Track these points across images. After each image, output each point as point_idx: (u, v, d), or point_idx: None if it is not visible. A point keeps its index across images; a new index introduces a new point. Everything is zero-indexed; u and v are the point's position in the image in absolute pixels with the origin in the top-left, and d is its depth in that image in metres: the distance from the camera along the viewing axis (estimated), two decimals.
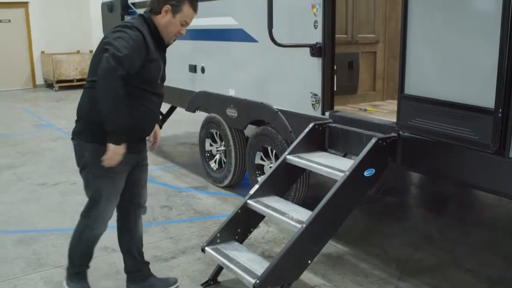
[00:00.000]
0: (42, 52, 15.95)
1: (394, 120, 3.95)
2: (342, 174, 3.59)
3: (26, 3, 15.65)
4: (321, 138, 4.24)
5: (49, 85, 15.96)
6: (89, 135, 3.19)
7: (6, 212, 5.46)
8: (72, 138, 3.32)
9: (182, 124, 9.50)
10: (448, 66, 3.28)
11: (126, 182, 3.40)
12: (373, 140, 3.65)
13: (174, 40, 3.36)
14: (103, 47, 3.06)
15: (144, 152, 3.53)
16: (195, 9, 3.32)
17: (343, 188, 3.52)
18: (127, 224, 3.60)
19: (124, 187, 3.41)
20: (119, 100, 2.97)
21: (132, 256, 3.66)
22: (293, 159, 4.06)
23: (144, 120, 3.33)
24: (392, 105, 4.86)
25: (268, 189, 4.03)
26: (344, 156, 4.27)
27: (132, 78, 3.05)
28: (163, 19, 3.23)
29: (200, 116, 6.54)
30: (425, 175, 6.01)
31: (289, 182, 4.28)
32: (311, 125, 4.19)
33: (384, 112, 4.51)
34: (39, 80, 16.18)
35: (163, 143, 8.39)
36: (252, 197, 3.95)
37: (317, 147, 4.24)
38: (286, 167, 4.10)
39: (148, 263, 3.78)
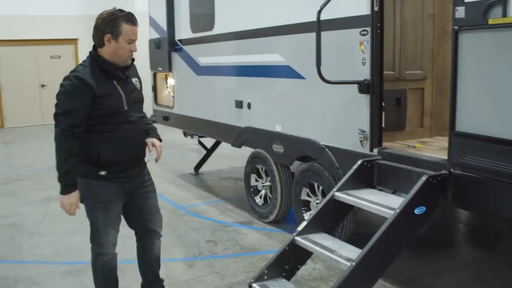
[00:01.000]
0: None
1: (445, 157, 3.91)
2: (392, 212, 3.55)
3: (76, 39, 16.17)
4: (370, 175, 4.21)
5: None
6: (80, 171, 3.33)
7: (55, 243, 5.57)
8: None
9: (226, 159, 9.56)
10: (502, 102, 3.23)
11: (130, 210, 3.60)
12: (424, 178, 3.60)
13: (131, 58, 3.40)
14: None
15: (143, 179, 3.62)
16: (133, 23, 3.31)
17: (393, 226, 3.47)
18: (144, 248, 3.77)
19: (132, 214, 3.63)
20: (63, 153, 3.21)
21: (147, 275, 3.84)
22: (342, 196, 4.03)
23: (125, 150, 3.39)
24: (440, 142, 4.81)
25: (316, 226, 4.01)
26: (393, 193, 4.22)
27: (93, 119, 3.26)
28: (109, 48, 3.30)
29: (244, 151, 6.60)
30: (476, 213, 5.87)
31: (337, 219, 4.24)
32: (359, 162, 4.17)
33: (433, 149, 4.46)
34: None
35: (208, 177, 8.45)
36: (300, 233, 3.93)
37: (365, 184, 4.20)
38: (334, 204, 4.07)
39: (163, 280, 3.89)
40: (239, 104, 6.16)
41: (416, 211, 3.58)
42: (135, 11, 12.05)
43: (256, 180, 6.25)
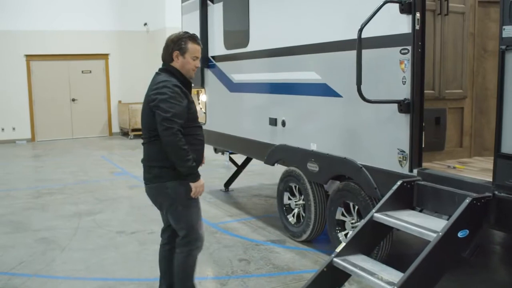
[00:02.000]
0: (119, 102, 16.55)
1: (486, 178, 3.83)
2: (435, 235, 3.46)
3: (107, 55, 16.40)
4: (409, 196, 4.13)
5: (124, 133, 16.47)
6: (170, 175, 3.75)
7: (86, 258, 5.57)
8: (148, 183, 3.91)
9: (255, 176, 9.53)
10: None
11: None
12: (468, 200, 3.52)
13: (194, 72, 3.95)
14: (151, 109, 3.70)
15: None
16: (197, 43, 3.90)
17: (436, 250, 3.39)
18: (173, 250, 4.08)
19: None
20: (184, 150, 3.64)
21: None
22: (381, 217, 3.96)
23: (201, 150, 3.93)
24: (480, 163, 4.71)
25: (354, 247, 3.94)
26: (434, 215, 4.13)
27: (185, 122, 3.72)
28: (177, 63, 3.86)
29: (273, 168, 6.54)
30: None
31: (376, 241, 4.17)
32: (399, 183, 4.09)
33: (474, 170, 4.36)
34: (115, 128, 16.76)
35: (238, 194, 8.41)
36: (338, 255, 3.87)
37: (404, 205, 4.12)
38: (373, 225, 4.00)
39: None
40: (273, 122, 6.13)
41: (459, 235, 3.50)
42: (165, 26, 12.33)
43: (289, 199, 6.19)
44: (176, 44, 3.83)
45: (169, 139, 3.60)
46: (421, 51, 4.15)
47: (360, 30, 4.09)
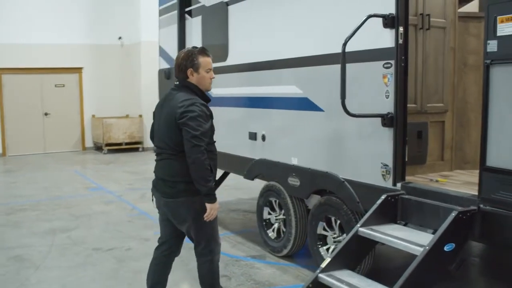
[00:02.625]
0: (93, 116, 16.35)
1: (470, 192, 3.85)
2: (421, 249, 3.45)
3: (80, 68, 16.21)
4: (393, 210, 4.11)
5: (98, 148, 16.25)
6: (197, 190, 3.80)
7: (62, 277, 5.43)
8: (171, 198, 3.93)
9: (232, 190, 9.44)
10: None
11: None
12: (453, 214, 3.51)
13: (211, 85, 4.05)
14: (178, 125, 3.75)
15: None
16: (207, 55, 3.99)
17: (423, 264, 3.37)
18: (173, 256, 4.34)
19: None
20: (207, 170, 3.74)
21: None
22: (366, 231, 3.93)
23: (216, 167, 4.00)
24: (462, 176, 4.73)
25: (340, 262, 3.90)
26: (418, 229, 4.11)
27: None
28: (193, 79, 3.94)
29: (251, 183, 6.48)
30: (504, 249, 5.75)
31: (361, 255, 4.14)
32: (383, 197, 4.07)
33: (457, 183, 4.38)
34: (88, 143, 16.52)
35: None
36: (323, 270, 3.82)
37: (388, 219, 4.11)
38: (358, 239, 3.97)
39: None
40: (253, 136, 6.09)
41: (446, 248, 3.49)
42: (140, 40, 12.26)
43: (269, 213, 6.13)
44: (188, 61, 3.90)
45: (196, 156, 3.69)
46: (404, 65, 4.16)
47: (344, 44, 4.08)
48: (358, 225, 4.01)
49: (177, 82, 4.02)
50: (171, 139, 3.86)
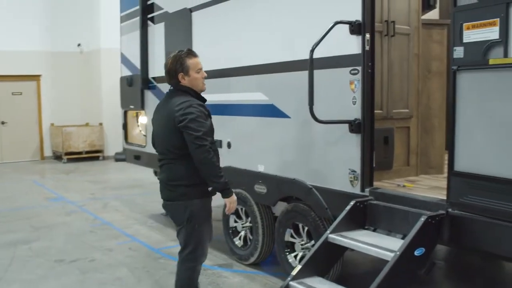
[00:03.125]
0: (52, 124, 16.02)
1: (437, 196, 3.89)
2: (392, 254, 3.46)
3: (38, 76, 15.87)
4: (362, 216, 4.12)
5: (57, 157, 15.92)
6: (196, 193, 3.90)
7: None
8: (172, 201, 3.99)
9: None
10: (504, 141, 3.22)
11: None
12: (423, 218, 3.54)
13: (204, 84, 4.07)
14: (179, 129, 3.77)
15: None
16: (194, 56, 4.03)
17: (394, 269, 3.39)
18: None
19: None
20: (217, 167, 3.80)
21: None
22: (336, 238, 3.93)
23: (219, 163, 3.94)
24: (428, 181, 4.78)
25: (310, 269, 3.90)
26: (387, 234, 4.13)
27: None
28: (185, 82, 3.96)
29: None
30: (472, 253, 5.83)
31: (331, 262, 4.14)
32: (352, 203, 4.08)
33: (424, 188, 4.42)
34: (47, 152, 16.17)
35: None
36: (294, 278, 3.80)
37: (357, 225, 4.12)
38: (328, 246, 3.97)
39: None
40: (218, 144, 6.02)
41: (416, 253, 3.51)
42: (100, 47, 12.08)
43: (235, 221, 6.08)
44: (177, 66, 3.93)
45: (202, 156, 3.72)
46: (371, 71, 4.19)
47: (312, 51, 4.09)
48: (328, 231, 4.00)
49: (171, 87, 4.06)
50: (170, 144, 3.90)
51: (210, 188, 3.93)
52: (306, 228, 4.99)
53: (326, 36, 4.15)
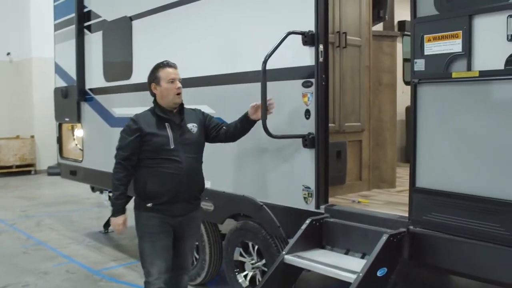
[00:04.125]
0: None
1: (394, 212, 3.77)
2: (354, 276, 3.29)
3: None
4: (318, 235, 3.95)
5: None
6: (138, 203, 3.89)
7: None
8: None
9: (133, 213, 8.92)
10: (466, 156, 3.12)
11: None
12: (385, 237, 3.39)
13: (179, 96, 3.89)
14: None
15: (189, 219, 3.95)
16: (169, 66, 3.92)
17: None
18: (171, 280, 3.96)
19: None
20: (115, 181, 3.79)
21: None
22: (293, 259, 3.74)
23: (167, 184, 3.77)
24: (381, 195, 4.68)
25: None
26: (346, 253, 3.97)
27: (142, 154, 3.80)
28: (158, 93, 3.88)
29: None
30: (433, 271, 5.75)
31: (288, 283, 3.92)
32: (308, 221, 3.90)
33: (379, 203, 4.30)
34: None
35: (119, 235, 7.83)
36: None
37: (313, 244, 3.94)
38: (285, 267, 3.76)
39: None
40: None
41: (379, 273, 3.37)
42: (31, 56, 11.50)
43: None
44: (151, 77, 3.91)
45: (113, 168, 3.82)
46: (325, 83, 4.04)
47: (265, 62, 3.90)
48: (284, 252, 3.80)
49: None
50: None
51: (149, 204, 3.82)
52: (256, 247, 4.78)
53: (278, 48, 3.97)
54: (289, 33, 3.96)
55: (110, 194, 7.89)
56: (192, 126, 3.96)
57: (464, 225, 3.14)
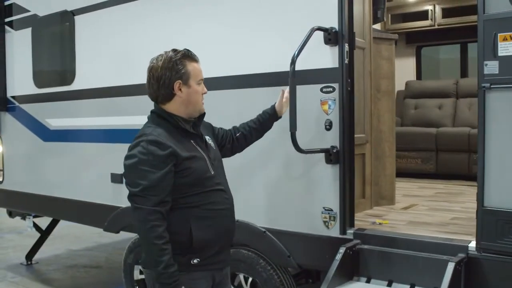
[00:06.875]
0: None
1: (434, 235, 3.33)
2: None
3: None
4: (350, 265, 3.38)
5: None
6: None
7: None
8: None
9: (56, 240, 7.79)
10: None
11: None
12: (451, 266, 2.92)
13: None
14: None
15: (226, 270, 2.95)
16: (196, 60, 2.80)
17: None
18: None
19: None
20: (155, 246, 2.51)
21: None
22: None
23: (220, 226, 2.75)
24: (391, 214, 4.21)
25: None
26: (389, 285, 3.42)
27: (178, 190, 2.63)
28: (181, 97, 2.73)
29: (78, 229, 5.32)
30: None
31: None
32: (342, 250, 3.32)
33: (402, 224, 3.82)
34: None
35: (47, 267, 6.76)
36: None
37: (346, 277, 3.37)
38: None
39: None
40: (117, 179, 4.89)
41: None
42: None
43: (141, 273, 4.97)
44: (173, 72, 2.68)
45: (138, 223, 2.55)
46: (351, 89, 3.51)
47: (293, 62, 3.26)
48: None
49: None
50: None
51: (196, 260, 2.69)
52: (250, 279, 4.11)
53: (285, 48, 3.46)
54: (314, 29, 3.37)
55: (27, 223, 6.87)
56: (209, 140, 2.95)
57: None
